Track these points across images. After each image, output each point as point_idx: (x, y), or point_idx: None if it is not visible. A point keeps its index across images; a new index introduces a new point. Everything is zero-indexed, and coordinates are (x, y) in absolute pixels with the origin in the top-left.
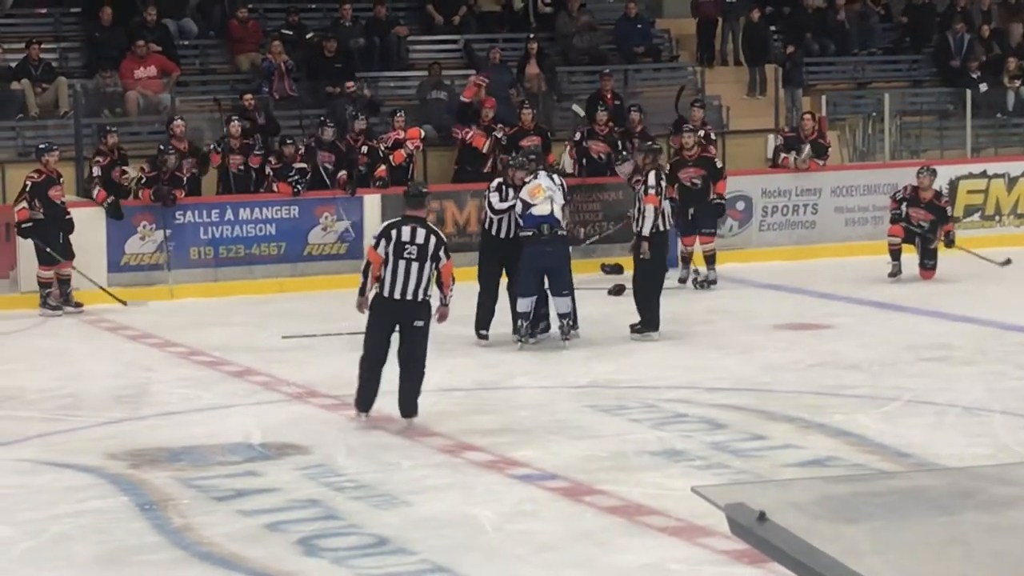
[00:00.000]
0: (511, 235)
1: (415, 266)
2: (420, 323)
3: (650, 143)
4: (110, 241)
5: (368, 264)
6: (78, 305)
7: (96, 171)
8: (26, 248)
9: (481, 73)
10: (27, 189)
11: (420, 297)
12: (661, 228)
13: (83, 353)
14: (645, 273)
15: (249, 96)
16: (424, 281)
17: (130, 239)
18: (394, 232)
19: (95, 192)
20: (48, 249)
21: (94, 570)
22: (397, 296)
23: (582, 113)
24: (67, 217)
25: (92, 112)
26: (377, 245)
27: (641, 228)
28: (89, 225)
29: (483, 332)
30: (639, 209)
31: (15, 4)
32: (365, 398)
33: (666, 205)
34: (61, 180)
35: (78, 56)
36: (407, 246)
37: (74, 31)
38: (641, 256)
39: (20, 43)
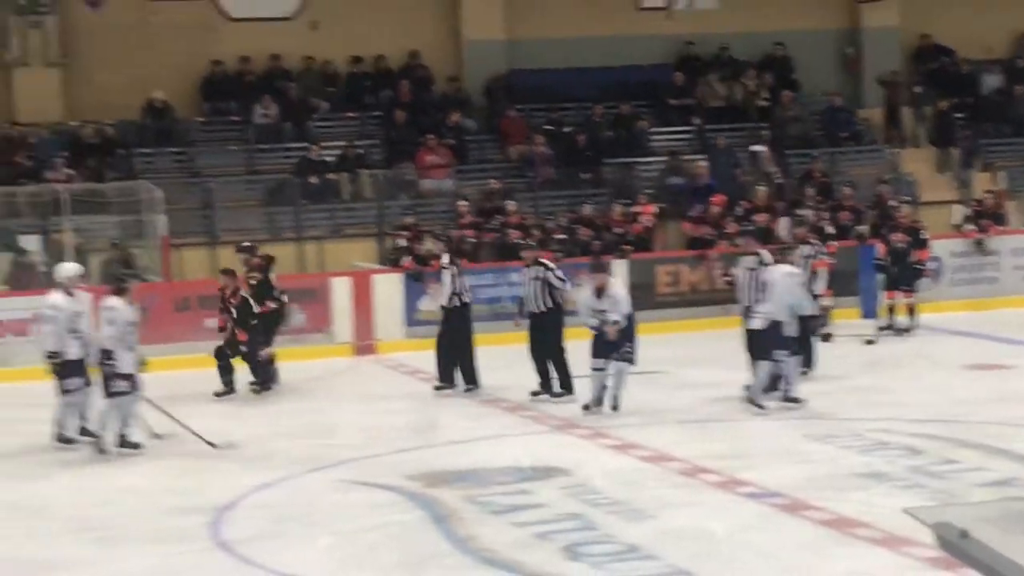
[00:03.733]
0: None
1: None
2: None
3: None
4: (407, 301)
5: None
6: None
7: (402, 243)
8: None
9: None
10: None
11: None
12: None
13: (382, 393)
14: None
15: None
16: None
17: (423, 299)
18: None
19: (402, 261)
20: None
21: (399, 573)
22: None
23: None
24: None
25: (391, 196)
26: None
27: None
28: (389, 289)
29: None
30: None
31: (330, 110)
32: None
33: None
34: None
35: (379, 151)
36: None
37: (375, 131)
38: None
39: (334, 142)
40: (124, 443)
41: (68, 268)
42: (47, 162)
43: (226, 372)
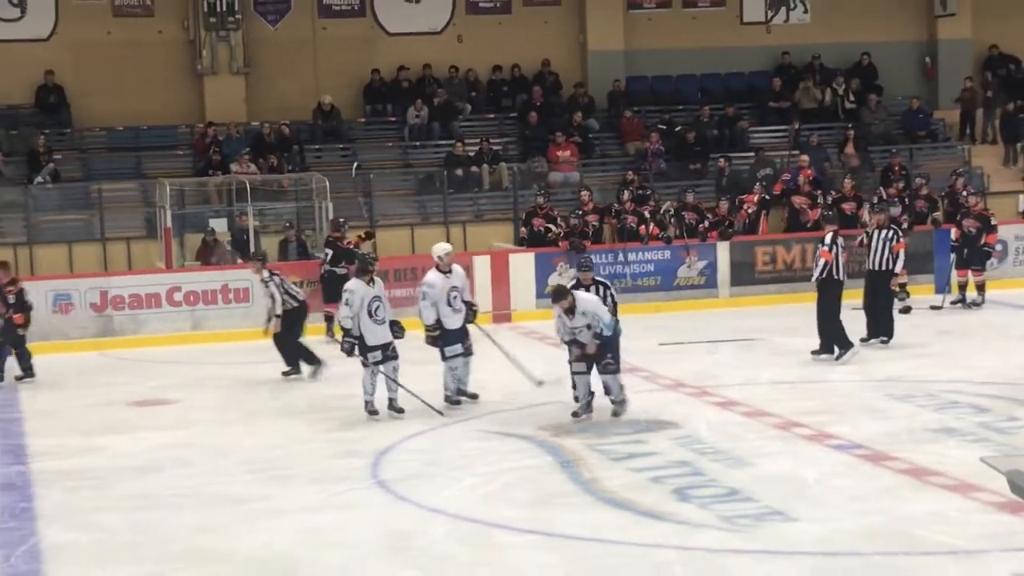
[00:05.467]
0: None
1: None
2: None
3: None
4: (537, 277)
5: None
6: None
7: (557, 229)
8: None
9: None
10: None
11: None
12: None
13: (517, 354)
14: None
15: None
16: None
17: (551, 275)
18: None
19: (559, 242)
20: None
21: (532, 509)
22: None
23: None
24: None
25: (524, 186)
26: None
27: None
28: (523, 266)
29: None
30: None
31: (472, 112)
32: None
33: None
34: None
35: (515, 146)
36: None
37: (511, 129)
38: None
39: (476, 139)
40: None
41: (441, 247)
42: (233, 156)
43: None
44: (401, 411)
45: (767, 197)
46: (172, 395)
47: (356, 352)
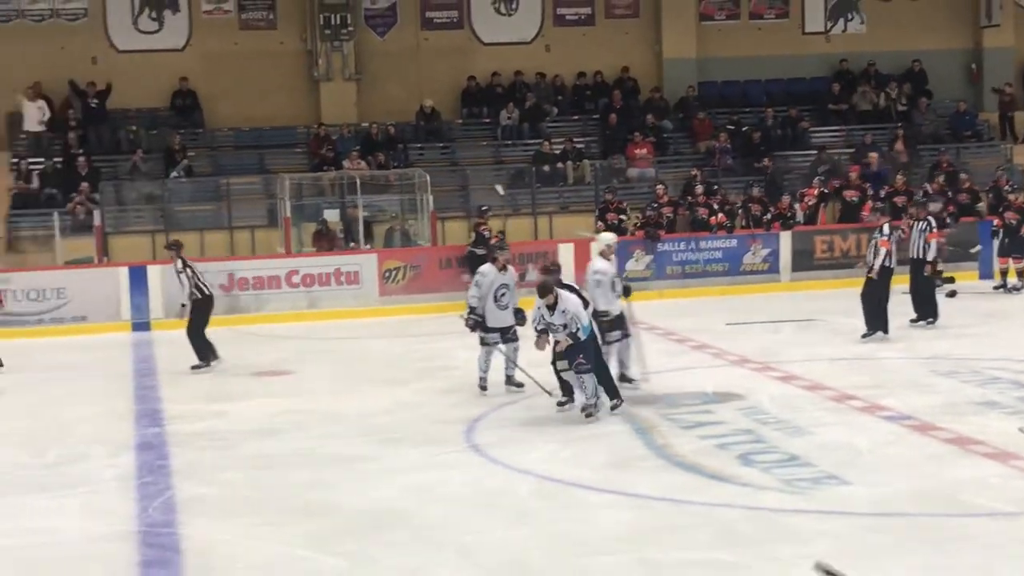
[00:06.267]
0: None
1: None
2: None
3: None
4: (617, 263)
5: None
6: None
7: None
8: None
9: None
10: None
11: None
12: (887, 264)
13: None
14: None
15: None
16: None
17: (628, 261)
18: None
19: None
20: None
21: (609, 471)
22: None
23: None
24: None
25: (605, 180)
26: None
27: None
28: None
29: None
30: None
31: (559, 114)
32: None
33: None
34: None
35: (596, 145)
36: None
37: (593, 130)
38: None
39: (561, 138)
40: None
41: (607, 237)
42: (345, 154)
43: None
44: (520, 386)
45: (825, 191)
46: (290, 366)
47: (477, 330)
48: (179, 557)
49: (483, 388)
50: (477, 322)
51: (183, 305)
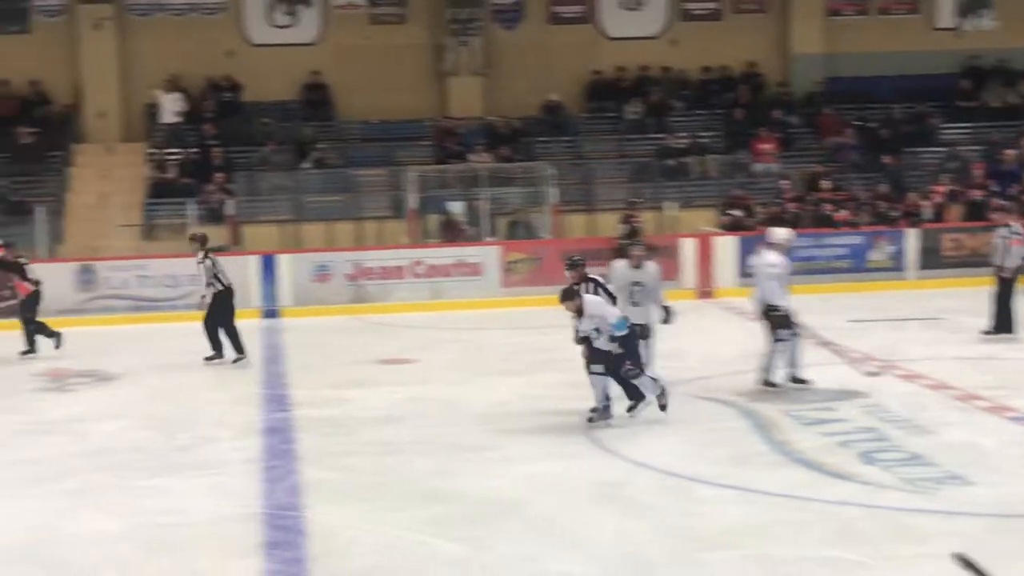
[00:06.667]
0: None
1: None
2: None
3: None
4: (740, 257)
5: None
6: None
7: (738, 213)
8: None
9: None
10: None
11: None
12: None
13: (719, 328)
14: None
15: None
16: None
17: (751, 256)
18: None
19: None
20: None
21: (728, 466)
22: None
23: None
24: None
25: (729, 175)
26: None
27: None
28: (726, 247)
29: None
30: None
31: (684, 108)
32: None
33: None
34: None
35: (721, 140)
36: None
37: (718, 124)
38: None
39: (686, 133)
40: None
41: (782, 232)
42: (470, 147)
43: None
44: (655, 380)
45: (954, 189)
46: (413, 355)
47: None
48: (303, 539)
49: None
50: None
51: (203, 297)
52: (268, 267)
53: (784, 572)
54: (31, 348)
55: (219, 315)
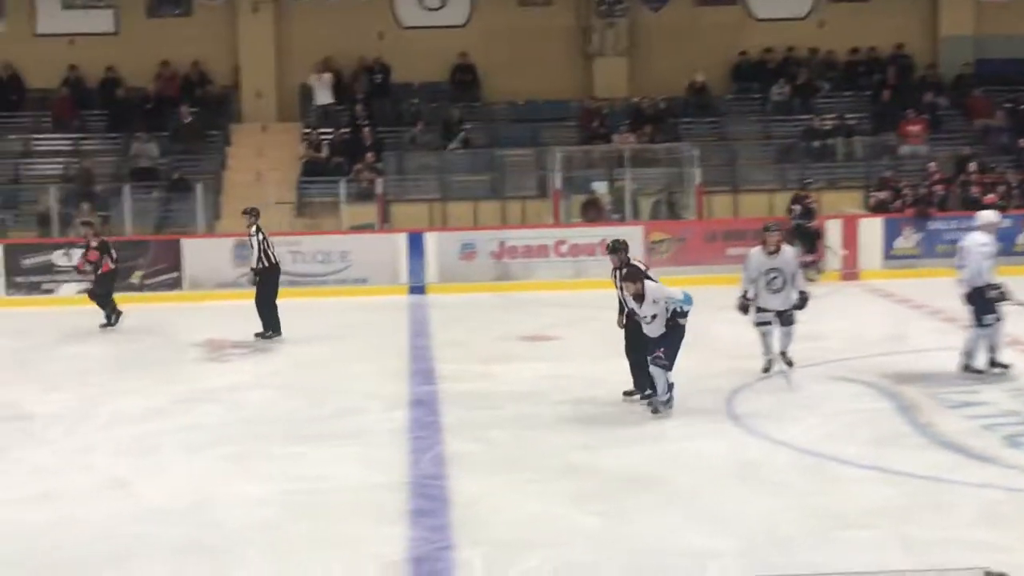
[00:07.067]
0: None
1: None
2: None
3: None
4: (886, 240)
5: None
6: None
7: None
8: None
9: None
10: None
11: None
12: None
13: (863, 311)
14: None
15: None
16: None
17: (897, 238)
18: None
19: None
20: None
21: (870, 447)
22: None
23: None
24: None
25: (875, 157)
26: None
27: None
28: (871, 230)
29: None
30: None
31: (830, 89)
32: None
33: None
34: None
35: (867, 122)
36: None
37: (865, 106)
38: None
39: (832, 114)
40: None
41: (989, 214)
42: (615, 127)
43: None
44: (791, 364)
45: None
46: (556, 332)
47: (747, 313)
48: (447, 508)
49: (765, 370)
50: (745, 305)
51: (252, 270)
52: (415, 245)
53: (927, 554)
54: (111, 321)
55: (266, 292)
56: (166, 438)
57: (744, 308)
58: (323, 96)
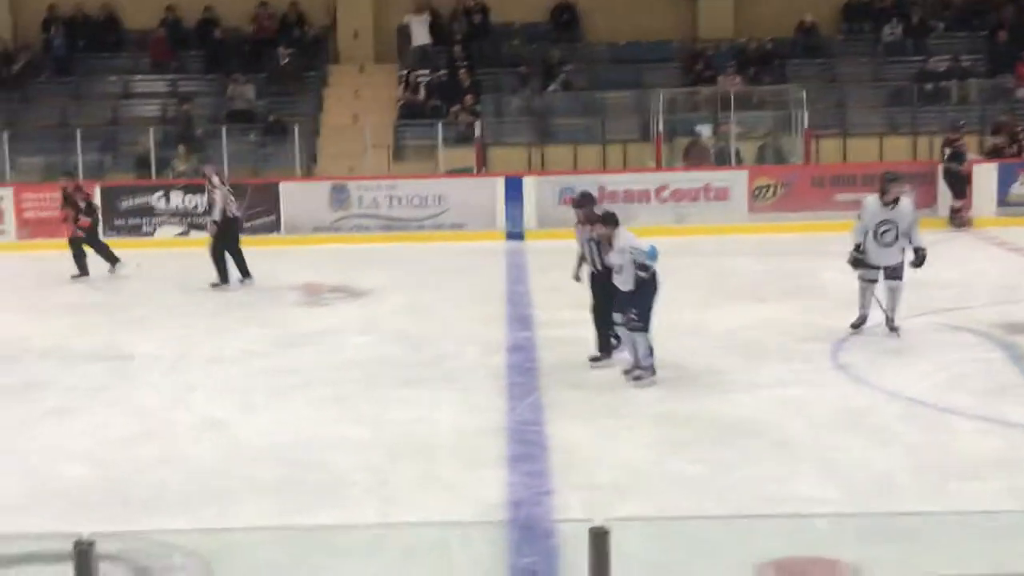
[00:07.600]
0: None
1: None
2: None
3: None
4: (1000, 186)
5: None
6: None
7: (999, 141)
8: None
9: None
10: None
11: None
12: None
13: (975, 258)
14: None
15: None
16: None
17: (1013, 184)
18: None
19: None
20: None
21: (982, 398)
22: None
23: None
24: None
25: (991, 100)
26: None
27: None
28: (986, 176)
29: None
30: None
31: (944, 30)
32: None
33: None
34: None
35: (983, 64)
36: None
37: (981, 47)
38: None
39: (947, 56)
40: None
41: None
42: (720, 69)
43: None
44: (895, 330)
45: None
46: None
47: (858, 267)
48: (545, 453)
49: (854, 327)
50: (857, 259)
51: (213, 222)
52: (513, 189)
53: None
54: (113, 266)
55: (225, 241)
56: (265, 380)
57: (856, 262)
58: (420, 36)
